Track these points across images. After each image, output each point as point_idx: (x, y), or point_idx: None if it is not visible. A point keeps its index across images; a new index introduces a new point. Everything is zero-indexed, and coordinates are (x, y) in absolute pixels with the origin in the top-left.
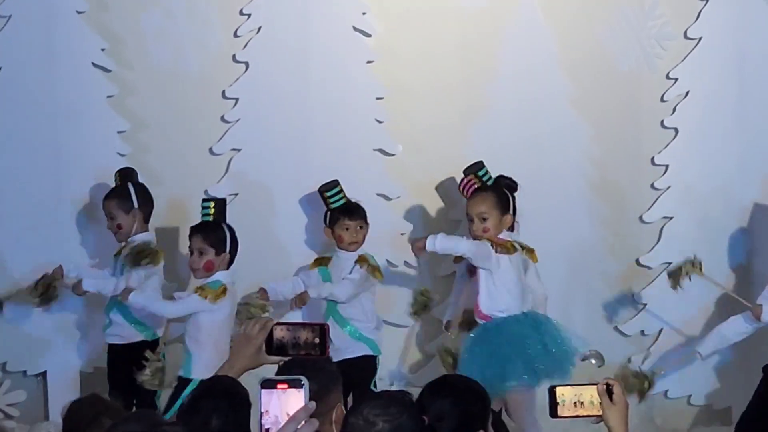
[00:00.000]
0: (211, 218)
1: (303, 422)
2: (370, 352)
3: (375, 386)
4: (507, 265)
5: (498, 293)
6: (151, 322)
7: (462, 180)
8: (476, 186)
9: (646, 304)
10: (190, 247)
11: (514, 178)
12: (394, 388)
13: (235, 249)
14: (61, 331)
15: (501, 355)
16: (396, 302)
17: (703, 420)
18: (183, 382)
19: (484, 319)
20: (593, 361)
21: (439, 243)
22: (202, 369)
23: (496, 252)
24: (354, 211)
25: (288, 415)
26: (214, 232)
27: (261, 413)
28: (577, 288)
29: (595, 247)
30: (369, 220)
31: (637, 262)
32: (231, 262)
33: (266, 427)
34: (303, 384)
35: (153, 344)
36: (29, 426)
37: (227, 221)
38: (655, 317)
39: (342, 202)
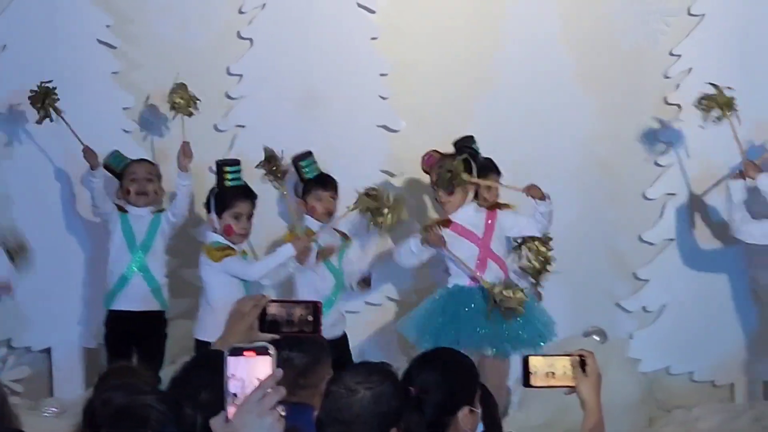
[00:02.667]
0: (242, 181)
1: (270, 389)
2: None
3: None
4: None
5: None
6: (165, 290)
7: (423, 156)
8: (433, 158)
9: (648, 281)
10: (236, 213)
11: (518, 153)
12: None
13: None
14: (64, 308)
15: (468, 318)
16: (400, 278)
17: (705, 396)
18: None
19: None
20: (596, 338)
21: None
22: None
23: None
24: (327, 182)
25: (255, 382)
26: (254, 195)
27: (228, 380)
28: (580, 264)
29: (597, 222)
30: None
31: (640, 238)
32: None
33: (233, 392)
34: (270, 351)
35: (160, 313)
36: (33, 402)
37: None
38: (657, 293)
39: (316, 172)
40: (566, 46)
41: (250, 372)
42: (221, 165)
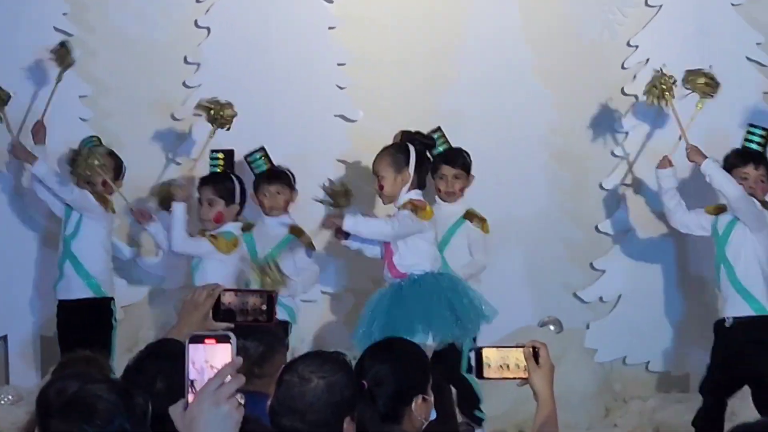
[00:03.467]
0: (219, 169)
1: (229, 377)
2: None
3: None
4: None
5: (411, 253)
6: (103, 277)
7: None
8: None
9: (604, 271)
10: (199, 198)
11: (477, 146)
12: None
13: (244, 200)
14: (20, 295)
15: (416, 312)
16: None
17: (661, 386)
18: None
19: (399, 277)
20: (552, 328)
21: (357, 225)
22: None
23: (416, 215)
24: (273, 177)
25: (215, 370)
26: (224, 182)
27: (188, 367)
28: (537, 254)
29: (554, 213)
30: None
31: (597, 228)
32: (239, 213)
33: (192, 382)
34: (231, 339)
35: (102, 302)
36: None
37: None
38: (613, 283)
39: (264, 167)
40: (525, 39)
41: (210, 360)
42: (246, 158)
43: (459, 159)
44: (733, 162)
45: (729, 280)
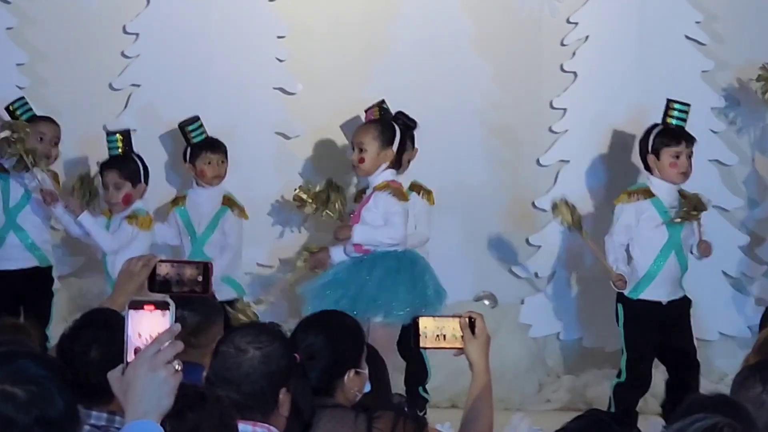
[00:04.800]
0: (119, 151)
1: (167, 343)
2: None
3: None
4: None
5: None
6: (46, 247)
7: (367, 109)
8: (372, 117)
9: (540, 246)
10: (104, 183)
11: (416, 118)
12: None
13: (148, 178)
14: None
15: (365, 287)
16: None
17: (595, 362)
18: None
19: (361, 252)
20: (486, 302)
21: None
22: None
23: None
24: (216, 145)
25: (153, 336)
26: (127, 164)
27: (127, 333)
28: (472, 229)
29: (491, 188)
30: (268, 160)
31: (533, 204)
32: (145, 191)
33: (134, 346)
34: (169, 306)
35: (45, 271)
36: None
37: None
38: (548, 259)
39: (203, 136)
40: (464, 11)
41: (149, 325)
42: (183, 127)
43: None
44: (663, 140)
45: (680, 265)
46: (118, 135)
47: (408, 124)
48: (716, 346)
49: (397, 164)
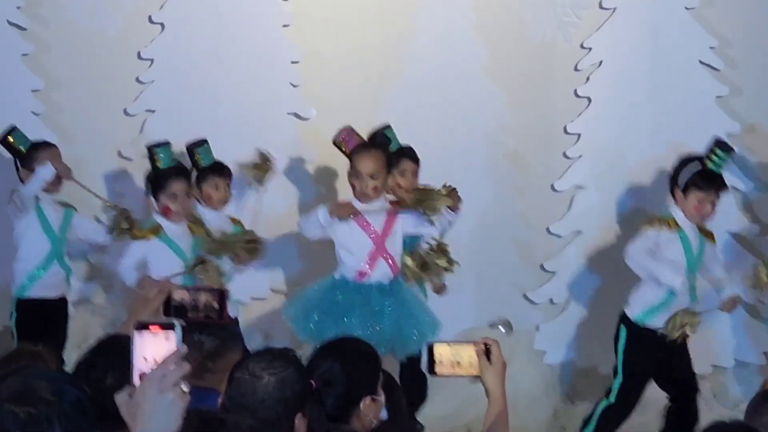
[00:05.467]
0: (176, 162)
1: (173, 365)
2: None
3: None
4: None
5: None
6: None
7: (341, 131)
8: (358, 141)
9: (555, 273)
10: (169, 193)
11: (428, 144)
12: None
13: None
14: None
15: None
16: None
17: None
18: None
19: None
20: (501, 329)
21: None
22: None
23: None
24: (223, 170)
25: (160, 357)
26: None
27: (133, 356)
28: (487, 255)
29: (505, 214)
30: (283, 183)
31: (548, 230)
32: None
33: (139, 369)
34: (175, 327)
35: (65, 298)
36: None
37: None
38: (564, 285)
39: (212, 160)
40: (478, 37)
41: (156, 347)
42: (191, 149)
43: (416, 155)
44: (695, 181)
45: (691, 299)
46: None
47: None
48: (731, 373)
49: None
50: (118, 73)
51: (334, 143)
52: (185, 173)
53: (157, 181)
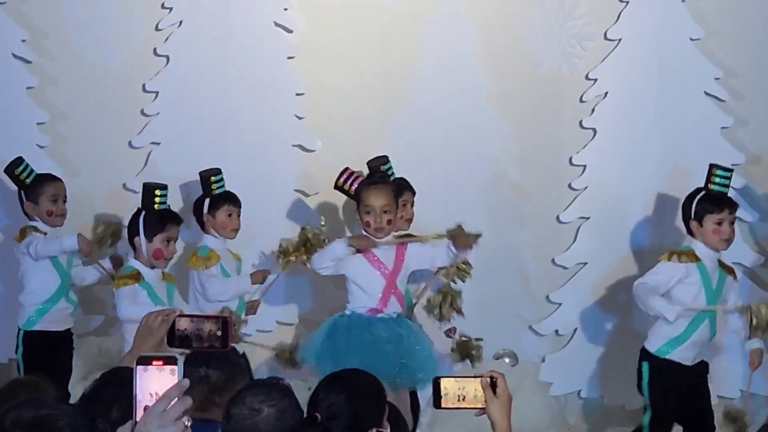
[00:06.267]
0: (168, 206)
1: (176, 399)
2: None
3: None
4: None
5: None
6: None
7: (342, 174)
8: (361, 179)
9: (560, 304)
10: (165, 237)
11: (433, 174)
12: None
13: None
14: None
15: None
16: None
17: (616, 420)
18: None
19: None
20: (507, 360)
21: None
22: None
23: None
24: (236, 199)
25: (162, 391)
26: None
27: (136, 391)
28: (493, 286)
29: (511, 245)
30: (287, 216)
31: (553, 261)
32: None
33: (141, 403)
34: (177, 361)
35: (70, 331)
36: None
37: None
38: (569, 317)
39: (224, 188)
40: (483, 68)
41: (158, 381)
42: (206, 177)
43: (411, 186)
44: (706, 207)
45: (711, 332)
46: (167, 189)
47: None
48: (739, 404)
49: None
50: (122, 105)
51: (337, 188)
52: (179, 220)
53: (154, 222)
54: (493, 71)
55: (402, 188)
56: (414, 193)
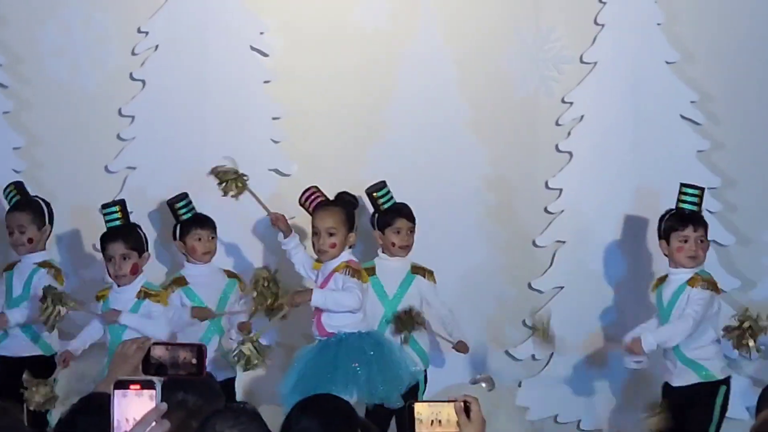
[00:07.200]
0: (119, 222)
1: (153, 423)
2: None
3: None
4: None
5: (340, 314)
6: (49, 338)
7: (305, 191)
8: (321, 199)
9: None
10: (109, 255)
11: (410, 199)
12: None
13: (148, 246)
14: None
15: (336, 371)
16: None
17: None
18: None
19: (326, 336)
20: (483, 385)
21: (326, 302)
22: None
23: (352, 277)
24: (205, 221)
25: (140, 415)
26: (131, 234)
27: (113, 415)
28: (469, 310)
29: (488, 270)
30: (264, 239)
31: (530, 285)
32: (148, 260)
33: (119, 428)
34: (155, 385)
35: (49, 359)
36: None
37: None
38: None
39: (192, 213)
40: (460, 93)
41: (136, 406)
42: (171, 204)
43: (411, 213)
44: (671, 225)
45: (674, 351)
46: (117, 205)
47: (353, 203)
48: None
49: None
50: (99, 130)
51: (300, 204)
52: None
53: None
54: (471, 96)
55: (396, 214)
56: (413, 221)
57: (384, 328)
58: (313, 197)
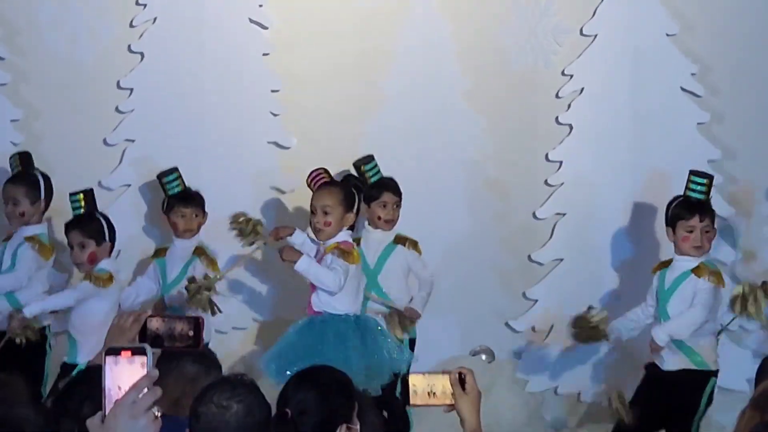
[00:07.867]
0: (82, 210)
1: (145, 389)
2: None
3: None
4: (352, 272)
5: (330, 295)
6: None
7: (312, 173)
8: (325, 180)
9: (537, 300)
10: (69, 243)
11: (409, 171)
12: None
13: (114, 236)
14: None
15: (318, 351)
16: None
17: (593, 417)
18: (68, 367)
19: (313, 314)
20: (483, 357)
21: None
22: (87, 355)
23: (344, 260)
24: (189, 199)
25: (132, 382)
26: (90, 223)
27: (105, 382)
28: (469, 283)
29: (487, 242)
30: (263, 213)
31: (529, 258)
32: (112, 249)
33: (110, 395)
34: (146, 352)
35: (41, 330)
36: None
37: (100, 210)
38: (545, 313)
39: (179, 189)
40: (458, 64)
41: (127, 372)
42: (160, 178)
43: (398, 187)
44: (678, 213)
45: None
46: (80, 194)
47: (359, 187)
48: (715, 400)
49: (352, 226)
50: (97, 102)
51: (307, 185)
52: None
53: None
54: (469, 68)
55: (383, 188)
56: (399, 195)
57: (366, 303)
58: (318, 178)
